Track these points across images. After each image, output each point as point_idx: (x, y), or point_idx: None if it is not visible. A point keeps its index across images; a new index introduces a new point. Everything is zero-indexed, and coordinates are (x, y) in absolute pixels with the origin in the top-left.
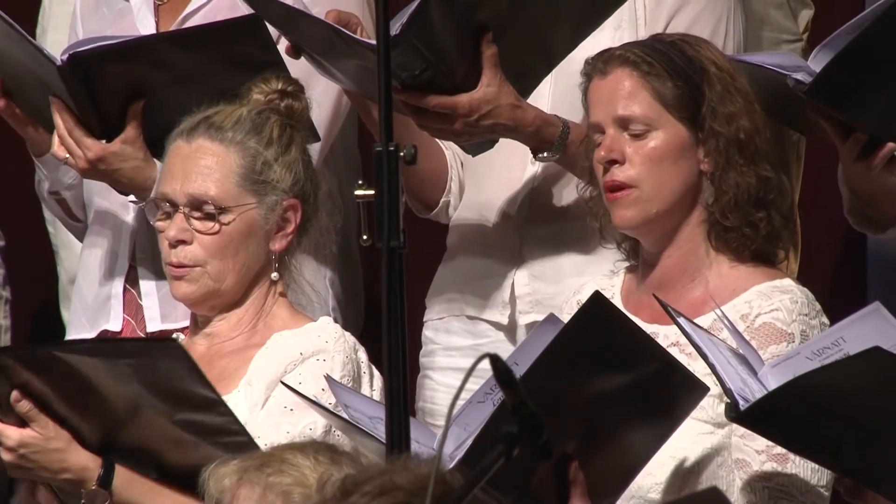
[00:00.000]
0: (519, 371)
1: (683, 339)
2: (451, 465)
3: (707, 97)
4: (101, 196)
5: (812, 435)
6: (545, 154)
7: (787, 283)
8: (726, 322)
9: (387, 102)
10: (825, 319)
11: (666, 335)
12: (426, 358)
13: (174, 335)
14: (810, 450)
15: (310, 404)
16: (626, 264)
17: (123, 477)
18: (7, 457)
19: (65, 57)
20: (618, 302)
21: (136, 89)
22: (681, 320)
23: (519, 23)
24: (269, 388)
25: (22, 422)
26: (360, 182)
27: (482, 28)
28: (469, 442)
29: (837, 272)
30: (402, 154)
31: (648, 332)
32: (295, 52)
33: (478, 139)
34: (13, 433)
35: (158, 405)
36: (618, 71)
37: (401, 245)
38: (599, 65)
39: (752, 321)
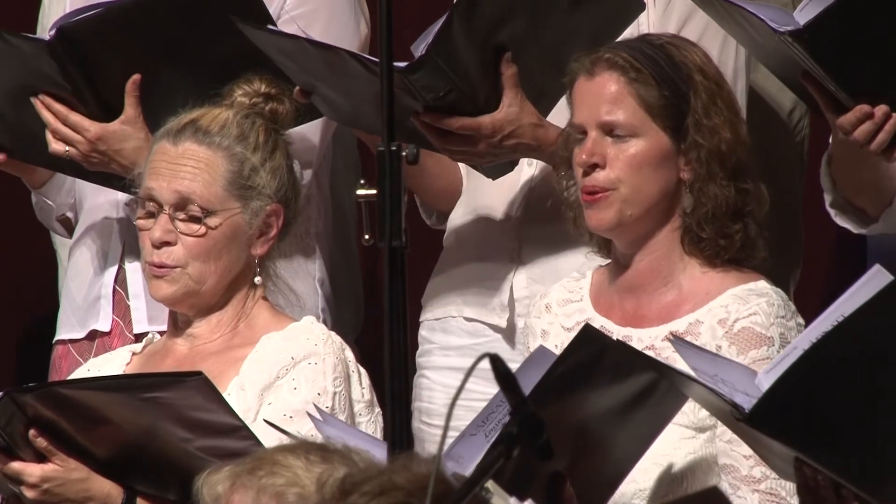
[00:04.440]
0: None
1: (658, 344)
2: None
3: (692, 107)
4: (92, 195)
5: (833, 422)
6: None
7: (762, 285)
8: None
9: (389, 102)
10: (800, 320)
11: (640, 338)
12: (423, 358)
13: (150, 336)
14: (827, 447)
15: (287, 435)
16: (595, 266)
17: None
18: (30, 494)
19: (52, 32)
20: (587, 304)
21: (130, 66)
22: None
23: (536, 42)
24: (262, 393)
25: (39, 456)
26: (361, 182)
27: (501, 48)
28: None
29: (837, 272)
30: (404, 154)
31: (621, 335)
32: (304, 94)
33: (500, 160)
34: (35, 470)
35: (178, 433)
36: (605, 74)
37: (403, 245)
38: (587, 64)
39: (731, 326)
